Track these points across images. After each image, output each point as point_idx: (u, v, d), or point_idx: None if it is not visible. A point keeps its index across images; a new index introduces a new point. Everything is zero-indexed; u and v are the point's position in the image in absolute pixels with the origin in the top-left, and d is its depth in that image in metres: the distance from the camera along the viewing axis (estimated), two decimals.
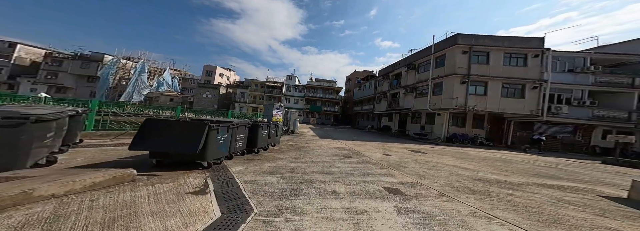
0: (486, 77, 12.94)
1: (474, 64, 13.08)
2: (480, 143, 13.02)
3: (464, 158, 7.90)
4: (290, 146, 8.36)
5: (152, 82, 28.81)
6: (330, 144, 9.65)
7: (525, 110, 12.45)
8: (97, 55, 28.38)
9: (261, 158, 5.41)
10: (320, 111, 36.13)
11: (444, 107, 13.64)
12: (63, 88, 27.05)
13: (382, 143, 11.62)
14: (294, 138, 11.19)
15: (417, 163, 6.27)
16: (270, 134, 6.78)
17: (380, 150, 8.90)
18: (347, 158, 6.50)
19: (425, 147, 11.16)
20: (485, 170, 5.80)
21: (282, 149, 7.37)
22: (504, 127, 13.99)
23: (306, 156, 6.42)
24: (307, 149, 7.67)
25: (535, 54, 12.70)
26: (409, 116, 20.18)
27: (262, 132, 5.96)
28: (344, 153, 7.59)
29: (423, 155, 8.10)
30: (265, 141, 6.39)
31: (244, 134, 5.22)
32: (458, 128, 14.46)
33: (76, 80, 27.70)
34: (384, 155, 7.59)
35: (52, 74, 26.07)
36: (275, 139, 7.77)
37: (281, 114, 8.36)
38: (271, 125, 6.91)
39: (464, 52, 13.22)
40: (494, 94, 12.84)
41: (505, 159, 8.43)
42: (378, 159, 6.59)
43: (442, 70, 14.70)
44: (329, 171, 4.65)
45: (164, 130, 3.36)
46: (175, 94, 30.72)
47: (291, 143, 9.37)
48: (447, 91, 13.68)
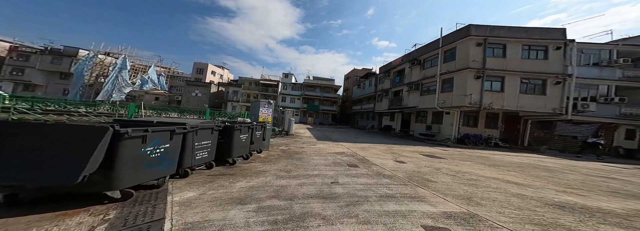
0: (503, 72, 11.62)
1: (489, 57, 11.75)
2: (495, 145, 11.72)
3: (494, 165, 6.48)
4: (281, 151, 6.83)
5: (135, 80, 26.74)
6: (329, 148, 8.15)
7: (546, 108, 11.19)
8: (71, 49, 26.11)
9: (235, 173, 3.85)
10: (318, 110, 34.61)
11: (455, 105, 12.28)
12: (31, 86, 24.76)
13: (388, 146, 10.20)
14: (288, 141, 9.66)
15: (444, 175, 4.81)
16: (254, 138, 5.24)
17: (389, 155, 7.46)
18: (353, 169, 5.00)
19: (438, 150, 9.77)
20: (542, 185, 4.36)
21: (270, 156, 5.82)
22: (520, 127, 12.74)
23: (300, 166, 4.89)
24: (301, 156, 6.14)
25: (557, 46, 11.45)
26: (412, 115, 18.82)
27: (239, 136, 4.40)
28: (347, 160, 6.10)
29: (442, 161, 6.66)
30: (246, 147, 4.84)
31: (210, 141, 3.66)
32: (470, 128, 13.14)
33: (46, 77, 25.41)
34: (397, 162, 6.14)
35: (18, 70, 23.72)
36: (262, 143, 6.22)
37: (270, 113, 6.79)
38: (256, 127, 5.37)
39: (478, 44, 11.88)
40: (511, 90, 11.53)
41: (545, 166, 7.05)
42: (392, 169, 5.12)
43: (452, 64, 13.34)
44: (331, 193, 3.16)
45: (24, 140, 1.75)
46: (161, 93, 28.75)
47: (284, 147, 7.83)
48: (458, 87, 12.32)
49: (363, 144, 10.53)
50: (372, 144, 10.73)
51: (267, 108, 6.88)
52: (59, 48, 26.61)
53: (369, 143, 10.91)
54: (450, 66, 13.57)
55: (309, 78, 37.62)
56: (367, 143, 11.12)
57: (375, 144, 10.80)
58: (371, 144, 10.70)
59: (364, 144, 10.57)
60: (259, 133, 5.88)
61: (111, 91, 24.28)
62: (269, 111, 6.94)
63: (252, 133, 5.15)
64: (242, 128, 4.50)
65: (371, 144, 10.70)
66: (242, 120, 5.46)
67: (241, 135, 4.53)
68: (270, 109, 6.97)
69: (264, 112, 6.83)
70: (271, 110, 7.03)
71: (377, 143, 11.07)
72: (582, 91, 11.56)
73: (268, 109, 6.92)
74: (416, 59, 17.59)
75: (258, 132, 5.79)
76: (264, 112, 6.82)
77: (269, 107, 6.93)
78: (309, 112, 34.88)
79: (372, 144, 10.74)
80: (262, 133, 6.08)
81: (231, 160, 4.34)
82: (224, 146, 4.18)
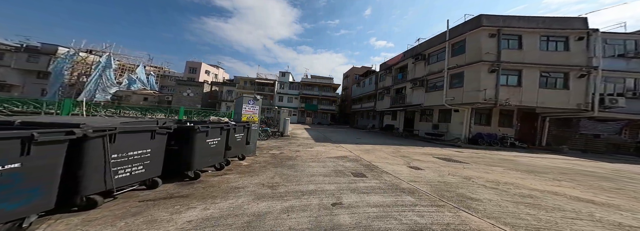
0: (520, 65, 10.51)
1: (503, 49, 10.63)
2: (512, 145, 10.60)
3: (531, 171, 5.31)
4: (271, 156, 5.62)
5: (121, 80, 25.25)
6: (329, 152, 6.95)
7: (570, 104, 10.09)
8: (49, 47, 24.44)
9: (192, 193, 2.64)
10: (317, 110, 33.38)
11: (467, 102, 11.15)
12: (6, 86, 23.13)
13: (394, 147, 9.06)
14: (282, 143, 8.44)
15: (482, 187, 3.65)
16: (233, 142, 4.03)
17: (399, 159, 6.30)
18: (360, 180, 3.83)
19: (451, 151, 8.62)
20: (630, 206, 3.17)
21: (255, 164, 4.60)
22: (537, 125, 11.64)
23: (291, 177, 3.70)
24: (295, 163, 4.94)
25: (579, 37, 10.37)
26: (417, 114, 17.69)
27: (205, 141, 3.19)
28: (351, 166, 4.91)
29: (466, 167, 5.50)
30: (218, 154, 3.63)
31: (150, 149, 2.41)
32: (482, 127, 12.01)
33: (23, 76, 23.73)
34: (411, 169, 4.99)
35: None
36: (245, 148, 5.00)
37: (257, 110, 5.55)
38: (235, 128, 4.14)
39: (492, 36, 10.77)
40: (530, 85, 10.42)
41: (591, 172, 5.89)
42: (410, 180, 3.97)
43: (461, 58, 12.23)
44: (334, 226, 2.00)
45: None
46: (150, 93, 27.28)
47: (275, 151, 6.61)
48: (470, 82, 11.20)
49: (366, 145, 9.36)
50: (376, 145, 9.57)
51: (252, 105, 5.63)
52: (36, 45, 25.00)
53: (372, 144, 9.75)
54: (459, 59, 12.45)
55: (306, 77, 36.41)
56: (370, 144, 9.96)
57: (380, 145, 9.64)
58: (375, 145, 9.53)
59: (367, 145, 9.40)
60: (240, 136, 4.65)
61: (94, 91, 22.80)
62: (254, 109, 5.70)
63: (228, 136, 3.91)
64: (209, 130, 3.26)
65: (375, 145, 9.53)
66: (216, 119, 4.22)
67: (208, 139, 3.29)
68: (256, 106, 5.73)
69: (249, 110, 5.59)
70: (258, 108, 5.78)
71: (381, 144, 9.92)
72: (609, 84, 10.51)
73: (253, 106, 5.68)
74: (420, 54, 16.48)
75: (239, 134, 4.56)
76: (248, 110, 5.58)
77: (254, 104, 5.69)
78: (307, 111, 33.65)
79: (376, 145, 9.58)
80: (244, 135, 4.84)
81: (192, 173, 3.10)
82: (180, 154, 2.95)
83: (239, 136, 4.60)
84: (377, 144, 9.79)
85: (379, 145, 9.60)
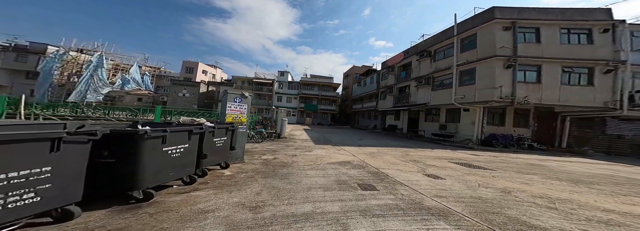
0: (539, 59, 9.62)
1: (520, 43, 9.75)
2: (530, 147, 9.70)
3: (577, 181, 4.41)
4: (262, 163, 4.74)
5: (114, 80, 24.38)
6: (330, 156, 6.07)
7: (596, 102, 9.19)
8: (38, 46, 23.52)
9: (125, 227, 1.71)
10: (317, 110, 32.48)
11: (480, 100, 10.25)
12: None
13: (401, 150, 8.20)
14: (278, 146, 7.55)
15: (533, 205, 2.80)
16: (209, 148, 3.20)
17: (410, 164, 5.45)
18: (370, 195, 2.99)
19: (466, 155, 7.73)
20: None
21: (239, 173, 3.72)
22: (557, 125, 10.72)
23: (282, 194, 2.84)
24: (289, 171, 4.07)
25: (603, 29, 9.50)
26: (422, 113, 16.81)
27: (159, 151, 2.34)
28: (357, 175, 4.07)
29: (494, 175, 4.62)
30: (184, 167, 2.77)
31: (51, 166, 1.48)
32: (495, 127, 11.10)
33: (11, 76, 22.81)
34: (430, 178, 4.15)
35: None
36: (228, 154, 4.12)
37: (244, 110, 4.64)
38: (215, 131, 3.28)
39: (506, 29, 9.90)
40: (551, 81, 9.52)
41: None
42: (434, 195, 3.16)
43: (472, 53, 11.35)
44: None
45: None
46: (144, 93, 26.41)
47: (268, 155, 5.73)
48: (483, 79, 10.30)
49: (370, 148, 8.49)
50: (380, 147, 8.69)
51: (238, 103, 4.74)
52: (24, 44, 24.15)
53: (376, 147, 8.87)
54: (469, 55, 11.58)
55: (306, 76, 35.57)
56: (374, 146, 9.08)
57: (385, 147, 8.76)
58: (380, 147, 8.66)
59: (371, 148, 8.53)
60: (222, 140, 3.76)
61: (85, 91, 21.92)
62: (242, 108, 4.80)
63: (201, 141, 3.02)
64: (167, 135, 2.35)
65: (380, 147, 8.66)
66: (189, 120, 3.34)
67: (167, 147, 2.40)
68: (244, 105, 4.83)
69: (235, 109, 4.69)
70: (246, 106, 4.88)
71: (386, 146, 9.05)
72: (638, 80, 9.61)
73: (241, 105, 4.78)
74: (425, 51, 15.64)
75: (219, 138, 3.67)
76: (234, 110, 4.68)
77: (242, 103, 4.79)
78: (307, 112, 32.76)
79: (381, 147, 8.70)
80: (228, 139, 3.95)
81: (139, 194, 2.19)
82: (119, 169, 2.03)
83: (220, 141, 3.70)
84: (382, 147, 8.91)
85: (384, 147, 8.71)
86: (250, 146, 7.30)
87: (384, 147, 8.83)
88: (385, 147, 8.84)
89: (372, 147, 8.70)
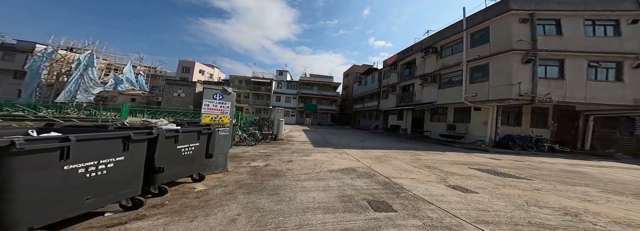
0: (561, 53, 8.75)
1: (539, 36, 8.87)
2: (550, 149, 8.83)
3: None
4: (250, 172, 3.93)
5: (106, 79, 23.46)
6: (331, 161, 5.24)
7: (626, 99, 8.31)
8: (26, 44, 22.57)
9: None
10: (316, 110, 31.59)
11: (495, 98, 9.38)
12: None
13: (410, 153, 7.40)
14: (273, 149, 6.70)
15: None
16: (171, 158, 2.33)
17: (426, 171, 4.68)
18: (387, 221, 2.23)
19: (484, 159, 6.88)
20: None
21: (215, 189, 2.89)
22: (578, 125, 9.85)
23: (267, 221, 2.03)
24: (282, 184, 3.26)
25: (632, 19, 8.63)
26: (427, 113, 15.94)
27: (53, 171, 1.38)
28: (366, 188, 3.27)
29: (537, 187, 3.80)
30: (116, 189, 1.89)
31: None
32: (511, 128, 10.23)
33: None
34: (456, 191, 3.36)
35: None
36: (201, 164, 3.28)
37: (227, 108, 3.69)
38: (178, 136, 2.40)
39: (523, 21, 9.02)
40: (575, 77, 8.65)
41: None
42: (476, 219, 2.37)
43: (484, 48, 10.48)
44: None
45: None
46: (138, 93, 25.50)
47: (259, 161, 4.90)
48: (498, 75, 9.43)
49: (374, 150, 7.67)
50: (386, 150, 7.88)
51: (219, 101, 3.85)
52: (12, 43, 23.21)
53: (381, 149, 8.06)
54: (481, 50, 10.72)
55: (305, 75, 34.70)
56: (378, 148, 8.26)
57: (391, 150, 7.94)
58: (385, 150, 7.84)
59: (376, 150, 7.71)
60: (191, 147, 2.89)
61: (75, 91, 21.00)
62: (224, 106, 3.92)
63: (151, 150, 2.14)
64: (71, 146, 1.45)
65: (385, 150, 7.84)
66: (139, 122, 2.47)
67: (72, 164, 1.50)
68: (226, 103, 3.95)
69: (214, 108, 3.81)
70: (230, 104, 4.00)
71: (392, 149, 8.23)
72: None
73: (222, 103, 3.90)
74: (431, 47, 14.77)
75: (187, 145, 2.80)
76: (213, 109, 3.80)
77: (223, 100, 3.90)
78: (306, 112, 31.88)
79: (387, 150, 7.90)
80: (201, 145, 3.09)
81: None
82: None
83: (188, 148, 2.83)
84: (388, 149, 8.08)
85: (390, 150, 7.88)
86: (241, 149, 6.47)
87: (390, 150, 7.98)
88: (391, 150, 7.99)
89: (377, 150, 7.86)
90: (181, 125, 3.14)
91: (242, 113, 32.27)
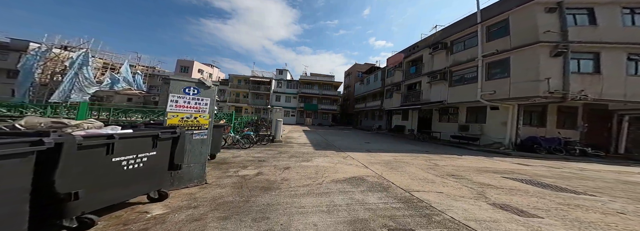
0: (596, 45, 7.76)
1: (570, 26, 7.89)
2: (582, 152, 7.85)
3: None
4: (235, 184, 3.11)
5: (102, 79, 22.76)
6: (335, 168, 4.38)
7: None
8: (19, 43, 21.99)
9: None
10: (317, 110, 30.69)
11: (518, 96, 8.42)
12: None
13: (423, 157, 6.54)
14: (269, 153, 5.84)
15: None
16: (92, 177, 1.37)
17: (453, 182, 3.84)
18: None
19: (512, 165, 5.96)
20: None
21: (178, 212, 1.93)
22: (612, 125, 8.83)
23: None
24: (272, 202, 2.35)
25: None
26: (435, 113, 14.97)
27: None
28: (381, 206, 2.28)
29: (612, 207, 2.87)
30: None
31: None
32: (534, 128, 9.25)
33: None
34: (509, 213, 2.39)
35: None
36: (160, 179, 2.31)
37: (206, 106, 2.68)
38: (115, 143, 1.48)
39: (550, 10, 8.04)
40: (613, 72, 7.65)
41: None
42: None
43: (503, 42, 9.52)
44: None
45: None
46: (135, 93, 24.80)
47: (251, 168, 4.06)
48: (522, 71, 8.46)
49: (382, 154, 6.80)
50: (395, 153, 7.01)
51: (193, 96, 2.96)
52: (5, 41, 22.64)
53: (389, 152, 7.18)
54: (500, 43, 9.76)
55: (305, 74, 33.83)
56: (386, 151, 7.39)
57: (400, 153, 7.07)
58: (394, 153, 6.96)
59: (384, 154, 6.84)
60: (143, 158, 1.98)
61: (69, 90, 20.30)
62: (199, 103, 3.02)
63: (60, 165, 1.21)
64: None
65: (394, 153, 6.96)
66: (42, 123, 1.60)
67: None
68: (204, 99, 3.06)
69: (185, 105, 2.92)
70: (208, 101, 3.11)
71: (401, 152, 7.36)
72: None
73: (198, 99, 3.00)
74: (440, 43, 13.83)
75: (132, 156, 1.89)
76: (184, 106, 2.91)
77: (200, 95, 3.01)
78: (307, 112, 30.99)
79: (396, 153, 7.02)
80: (161, 153, 2.20)
81: None
82: None
83: (138, 159, 1.95)
84: (396, 152, 7.20)
85: (400, 153, 6.98)
86: (232, 154, 5.62)
87: (399, 153, 7.08)
88: (400, 153, 7.09)
89: (384, 153, 6.96)
90: (136, 127, 2.26)
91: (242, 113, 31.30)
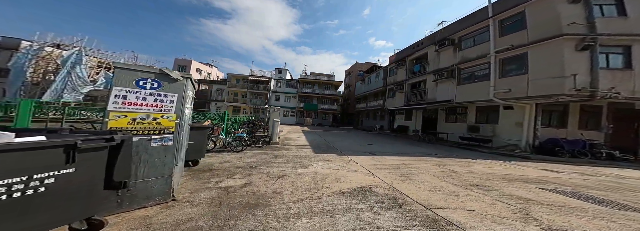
0: (627, 38, 7.02)
1: (597, 17, 7.16)
2: (609, 156, 7.13)
3: None
4: (210, 203, 2.33)
5: (96, 78, 22.03)
6: (337, 175, 3.65)
7: None
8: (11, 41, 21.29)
9: None
10: (317, 110, 29.95)
11: (537, 95, 7.69)
12: None
13: (436, 161, 5.84)
14: (262, 157, 5.12)
15: None
16: None
17: (482, 196, 3.09)
18: None
19: (539, 171, 5.26)
20: None
21: None
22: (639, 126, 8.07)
23: None
24: (256, 228, 1.50)
25: None
26: (441, 112, 14.24)
27: None
28: None
29: None
30: None
31: None
32: (554, 129, 8.51)
33: None
34: None
35: None
36: (93, 203, 1.49)
37: (172, 104, 1.82)
38: None
39: (574, 1, 7.31)
40: None
41: None
42: None
43: (520, 35, 8.80)
44: None
45: None
46: None
47: (237, 178, 3.32)
48: (542, 67, 7.73)
49: (388, 157, 6.11)
50: (402, 156, 6.32)
51: (152, 91, 2.22)
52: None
53: (396, 155, 6.48)
54: (516, 38, 9.03)
55: (305, 74, 33.09)
56: (392, 154, 6.66)
57: (408, 156, 6.37)
58: (401, 157, 6.26)
59: (390, 157, 6.14)
60: (49, 178, 1.18)
61: (61, 90, 19.59)
62: (161, 101, 2.28)
63: None
64: None
65: (401, 157, 6.26)
66: None
67: None
68: (170, 95, 2.32)
69: (138, 102, 2.17)
70: (176, 97, 2.38)
71: (408, 155, 6.65)
72: None
73: (158, 94, 2.27)
74: (447, 39, 13.12)
75: (52, 173, 1.08)
76: (137, 104, 2.16)
77: (162, 90, 2.27)
78: (307, 112, 30.26)
79: (403, 156, 6.34)
80: (87, 168, 1.39)
81: None
82: None
83: (39, 182, 1.16)
84: (403, 155, 6.48)
85: (407, 157, 6.26)
86: (220, 158, 4.90)
87: (407, 156, 6.36)
88: (408, 156, 6.37)
89: (390, 156, 6.23)
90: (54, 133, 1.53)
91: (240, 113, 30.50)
